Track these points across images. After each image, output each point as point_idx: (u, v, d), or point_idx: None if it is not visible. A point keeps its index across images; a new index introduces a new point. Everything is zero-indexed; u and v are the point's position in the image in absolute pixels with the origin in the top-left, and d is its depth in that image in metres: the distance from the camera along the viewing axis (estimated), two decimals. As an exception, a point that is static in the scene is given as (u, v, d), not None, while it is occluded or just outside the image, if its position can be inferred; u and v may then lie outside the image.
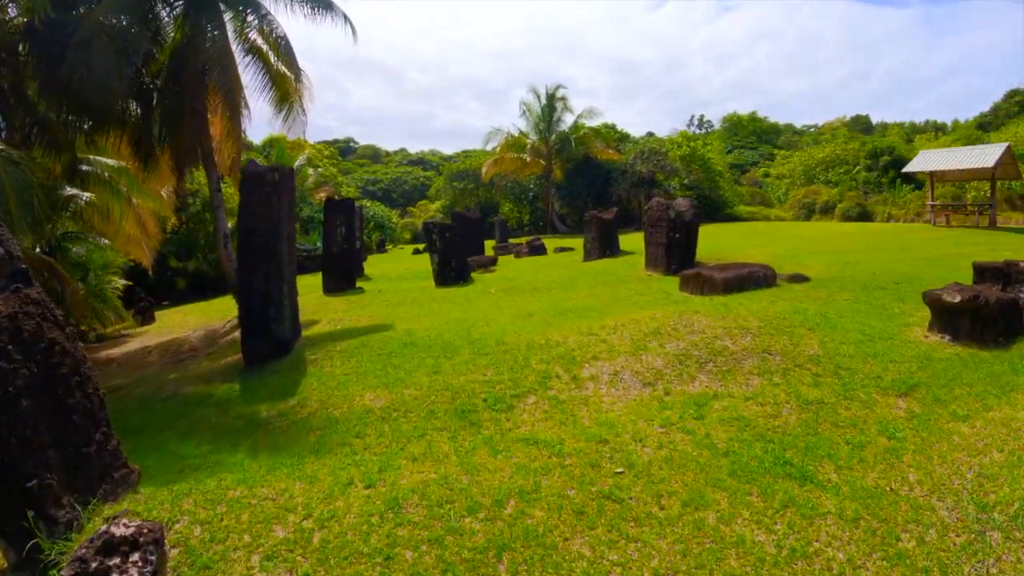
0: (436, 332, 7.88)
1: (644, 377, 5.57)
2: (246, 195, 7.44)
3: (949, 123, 66.45)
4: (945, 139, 41.13)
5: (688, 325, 6.70)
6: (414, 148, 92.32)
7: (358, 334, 8.34)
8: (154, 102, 13.60)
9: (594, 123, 38.93)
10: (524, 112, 37.71)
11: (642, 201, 36.29)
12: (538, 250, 21.86)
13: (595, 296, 9.92)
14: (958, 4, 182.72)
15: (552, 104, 37.15)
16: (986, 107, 51.55)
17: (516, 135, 37.62)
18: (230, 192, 21.32)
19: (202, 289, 23.89)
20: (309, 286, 17.59)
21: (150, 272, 19.65)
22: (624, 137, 44.48)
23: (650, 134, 54.81)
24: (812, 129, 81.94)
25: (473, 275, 15.32)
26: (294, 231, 8.13)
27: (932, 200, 24.03)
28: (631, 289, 10.30)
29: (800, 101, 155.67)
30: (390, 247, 38.40)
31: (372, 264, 25.65)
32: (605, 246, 16.39)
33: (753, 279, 8.82)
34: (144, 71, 13.25)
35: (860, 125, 78.19)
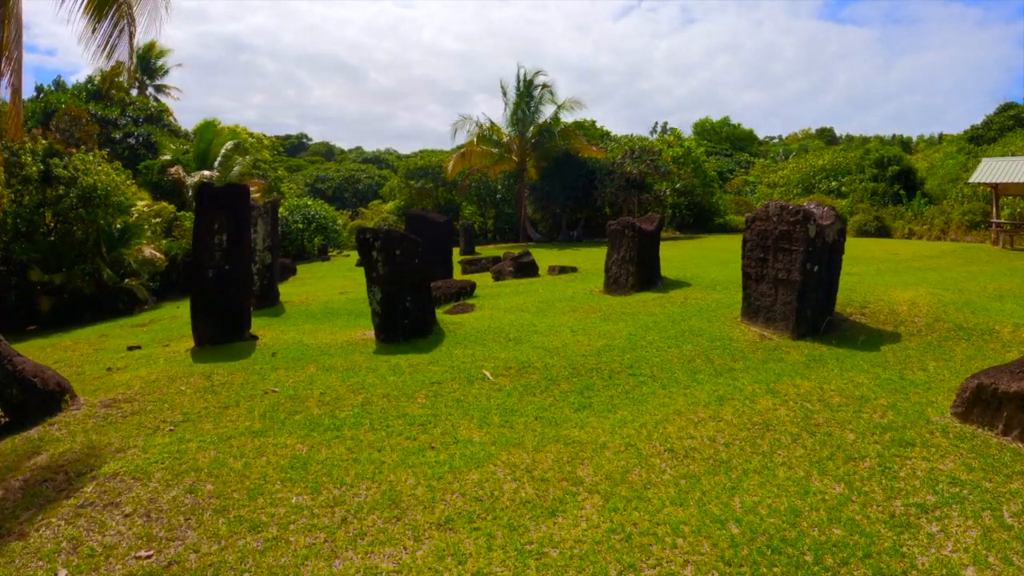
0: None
1: None
2: None
3: (915, 137, 67.06)
4: (948, 148, 38.15)
5: None
6: (371, 147, 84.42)
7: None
8: None
9: (576, 116, 33.66)
10: (503, 96, 32.01)
11: (633, 207, 31.01)
12: (527, 269, 16.12)
13: (763, 433, 4.36)
14: (913, 26, 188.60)
15: (531, 92, 31.61)
16: (977, 120, 49.58)
17: (488, 125, 31.88)
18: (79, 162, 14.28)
19: (77, 310, 16.83)
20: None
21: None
22: (606, 135, 39.48)
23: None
24: (775, 140, 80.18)
25: (440, 316, 9.38)
26: None
27: (997, 218, 19.79)
28: (816, 401, 4.84)
29: (758, 113, 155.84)
30: (334, 253, 31.96)
31: (300, 280, 19.32)
32: (647, 273, 10.77)
33: None
34: None
35: (825, 137, 77.13)
